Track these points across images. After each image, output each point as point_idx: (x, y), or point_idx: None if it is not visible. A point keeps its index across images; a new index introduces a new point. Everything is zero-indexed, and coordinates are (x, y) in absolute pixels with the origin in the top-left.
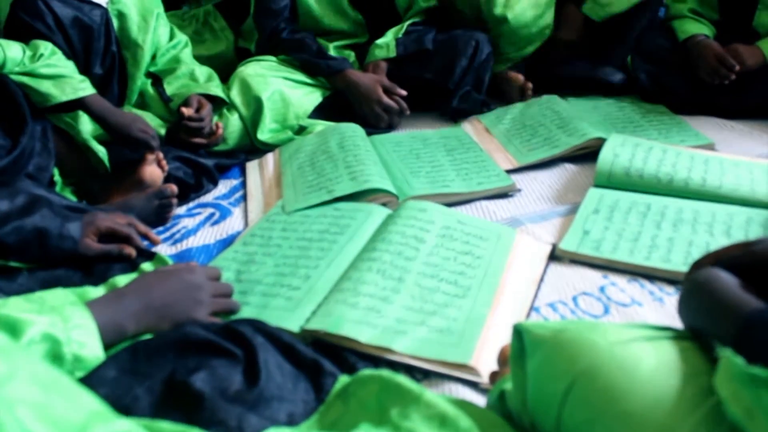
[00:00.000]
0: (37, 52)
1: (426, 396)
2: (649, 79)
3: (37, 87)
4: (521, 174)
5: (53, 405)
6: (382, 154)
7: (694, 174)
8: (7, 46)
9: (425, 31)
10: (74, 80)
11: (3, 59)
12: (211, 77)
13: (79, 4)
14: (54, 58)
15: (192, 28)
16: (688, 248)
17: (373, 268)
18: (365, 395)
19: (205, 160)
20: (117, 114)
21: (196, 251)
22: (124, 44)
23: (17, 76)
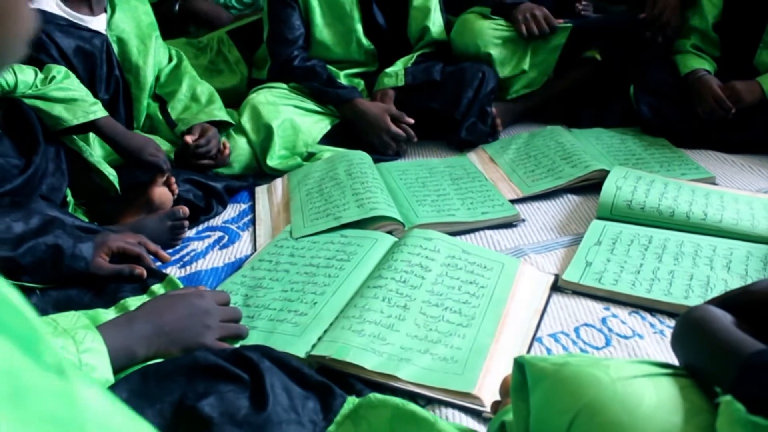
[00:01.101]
0: (49, 75)
1: (440, 425)
2: (651, 111)
3: (49, 110)
4: (525, 204)
5: None
6: (389, 182)
7: (695, 208)
8: (19, 69)
9: (434, 62)
10: (86, 103)
11: (14, 82)
12: (213, 98)
13: (80, 33)
14: (66, 82)
15: (207, 58)
16: (688, 282)
17: (378, 296)
18: (377, 420)
19: (215, 182)
20: (129, 137)
21: (205, 274)
22: (126, 68)
23: (30, 99)
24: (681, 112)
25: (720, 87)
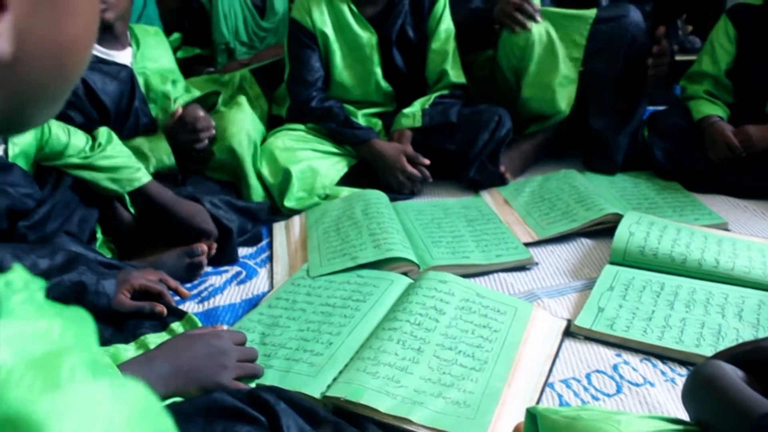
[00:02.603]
0: (97, 142)
1: None
2: (664, 156)
3: (96, 181)
4: (539, 247)
5: None
6: (405, 222)
7: (708, 255)
8: (73, 132)
9: (451, 104)
10: (130, 170)
11: (66, 143)
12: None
13: (106, 68)
14: (110, 148)
15: (228, 93)
16: (700, 330)
17: (393, 338)
18: None
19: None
20: (180, 203)
21: (223, 310)
22: (151, 98)
23: (75, 170)
24: (694, 156)
25: (733, 132)
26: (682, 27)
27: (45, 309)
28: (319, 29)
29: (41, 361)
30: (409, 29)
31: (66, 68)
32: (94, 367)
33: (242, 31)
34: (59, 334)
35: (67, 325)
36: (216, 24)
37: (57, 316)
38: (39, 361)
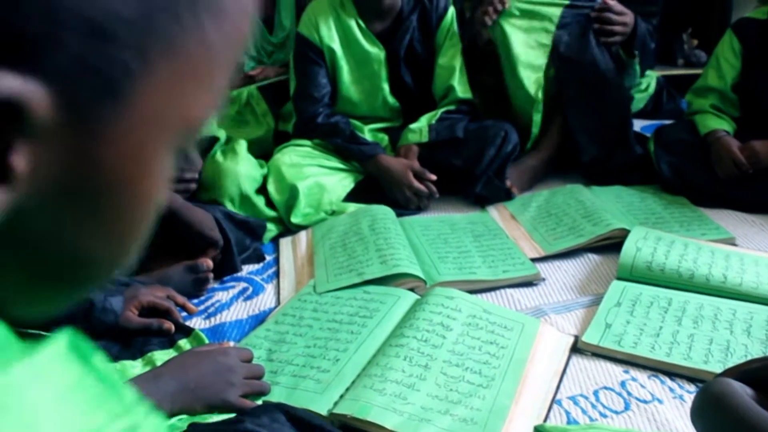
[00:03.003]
0: None
1: None
2: (670, 170)
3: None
4: (545, 262)
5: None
6: (412, 238)
7: (715, 270)
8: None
9: (458, 119)
10: None
11: None
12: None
13: None
14: None
15: (235, 109)
16: (708, 346)
17: (400, 355)
18: None
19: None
20: (190, 209)
21: (229, 326)
22: None
23: None
24: (701, 171)
25: (739, 148)
26: (688, 41)
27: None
28: (326, 45)
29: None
30: (417, 45)
31: (67, 275)
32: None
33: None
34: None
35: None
36: None
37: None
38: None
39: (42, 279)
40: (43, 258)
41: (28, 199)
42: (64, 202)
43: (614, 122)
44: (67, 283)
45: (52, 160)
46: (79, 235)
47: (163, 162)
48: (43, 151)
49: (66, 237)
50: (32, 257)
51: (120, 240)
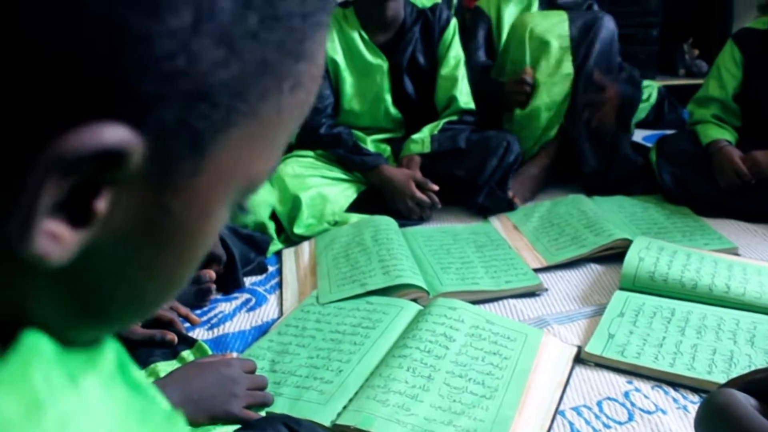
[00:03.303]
0: None
1: None
2: (672, 180)
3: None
4: (548, 273)
5: None
6: (414, 248)
7: (718, 280)
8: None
9: (460, 130)
10: None
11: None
12: None
13: None
14: None
15: None
16: (711, 356)
17: (403, 365)
18: None
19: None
20: None
21: (232, 337)
22: None
23: None
24: (703, 181)
25: (741, 158)
26: (689, 51)
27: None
28: (329, 56)
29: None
30: (420, 56)
31: (114, 309)
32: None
33: None
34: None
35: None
36: None
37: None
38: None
39: (91, 313)
40: (99, 295)
41: (97, 242)
42: (131, 245)
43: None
44: (114, 317)
45: (129, 206)
46: (140, 277)
47: (222, 216)
48: (124, 198)
49: (127, 278)
50: (89, 294)
51: (171, 281)
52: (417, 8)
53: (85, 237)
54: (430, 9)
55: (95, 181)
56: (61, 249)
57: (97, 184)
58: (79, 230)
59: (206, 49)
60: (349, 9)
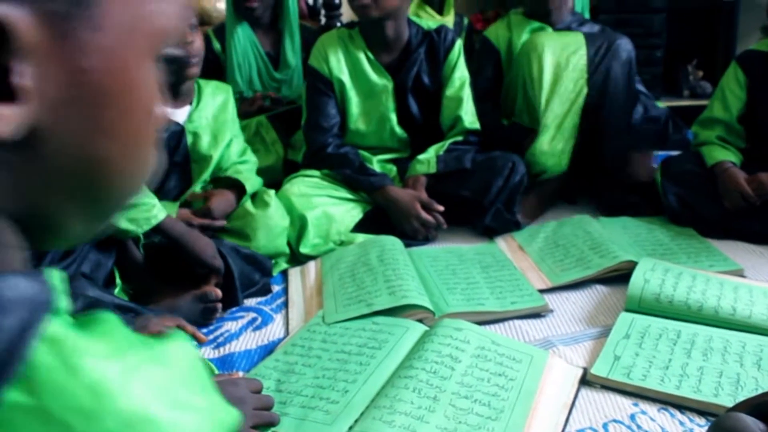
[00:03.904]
0: None
1: None
2: (678, 202)
3: (114, 223)
4: (553, 294)
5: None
6: (420, 269)
7: (724, 302)
8: None
9: (465, 150)
10: (146, 206)
11: None
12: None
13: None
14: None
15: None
16: (718, 379)
17: (409, 386)
18: None
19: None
20: (193, 237)
21: (238, 356)
22: (194, 158)
23: None
24: (708, 202)
25: (746, 179)
26: (693, 72)
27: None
28: (335, 76)
29: (101, 333)
30: (425, 76)
31: (95, 186)
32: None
33: (256, 81)
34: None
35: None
36: (230, 74)
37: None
38: (99, 333)
39: (76, 191)
40: (71, 169)
41: (42, 115)
42: (70, 113)
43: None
44: (100, 193)
45: (50, 76)
46: (93, 142)
47: (147, 71)
48: (41, 68)
49: (83, 145)
50: (62, 170)
51: (130, 146)
52: (422, 30)
53: (25, 112)
54: (436, 31)
55: (3, 60)
56: (3, 124)
57: (3, 60)
58: (13, 106)
59: None
60: (354, 30)
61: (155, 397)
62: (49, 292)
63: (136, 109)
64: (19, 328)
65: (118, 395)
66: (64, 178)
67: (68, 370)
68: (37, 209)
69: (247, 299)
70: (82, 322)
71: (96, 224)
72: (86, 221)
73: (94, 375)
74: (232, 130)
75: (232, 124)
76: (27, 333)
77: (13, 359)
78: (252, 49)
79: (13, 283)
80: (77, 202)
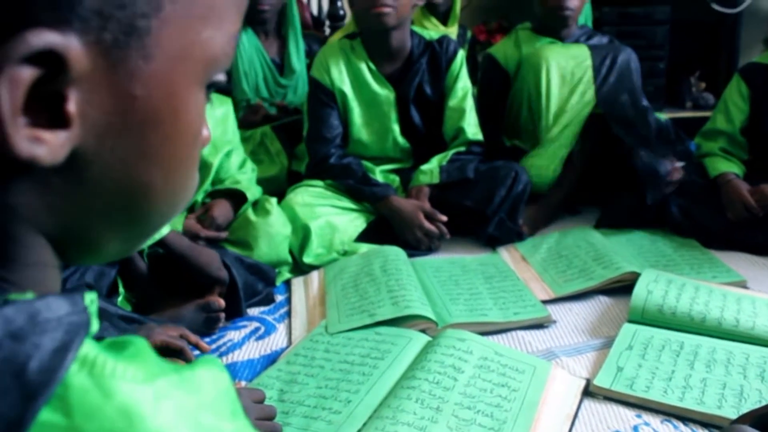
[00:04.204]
0: None
1: None
2: (680, 213)
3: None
4: (556, 304)
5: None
6: (423, 279)
7: (727, 314)
8: None
9: (468, 160)
10: None
11: None
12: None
13: None
14: None
15: (249, 148)
16: (721, 390)
17: (412, 397)
18: None
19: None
20: (197, 251)
21: (241, 366)
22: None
23: None
24: (711, 213)
25: (749, 191)
26: (695, 84)
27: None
28: (337, 87)
29: (133, 356)
30: (427, 87)
31: (135, 209)
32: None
33: (263, 88)
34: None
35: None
36: (237, 82)
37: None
38: (131, 357)
39: (117, 213)
40: (112, 192)
41: (86, 140)
42: (115, 138)
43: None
44: (140, 215)
45: (98, 102)
46: (136, 167)
47: (195, 97)
48: (89, 95)
49: (126, 170)
50: (103, 193)
51: (174, 171)
52: (424, 40)
53: (70, 138)
54: (437, 41)
55: (56, 88)
56: (47, 150)
57: (59, 90)
58: (60, 131)
59: None
60: (356, 40)
61: (183, 421)
62: (86, 314)
63: (182, 134)
64: (57, 349)
65: (149, 419)
66: (105, 201)
67: (102, 392)
68: (76, 230)
69: (249, 308)
70: (114, 344)
71: (133, 244)
72: (123, 241)
73: (127, 399)
74: (232, 142)
75: (232, 136)
76: (64, 354)
77: (49, 380)
78: (258, 56)
79: (53, 304)
80: (116, 224)
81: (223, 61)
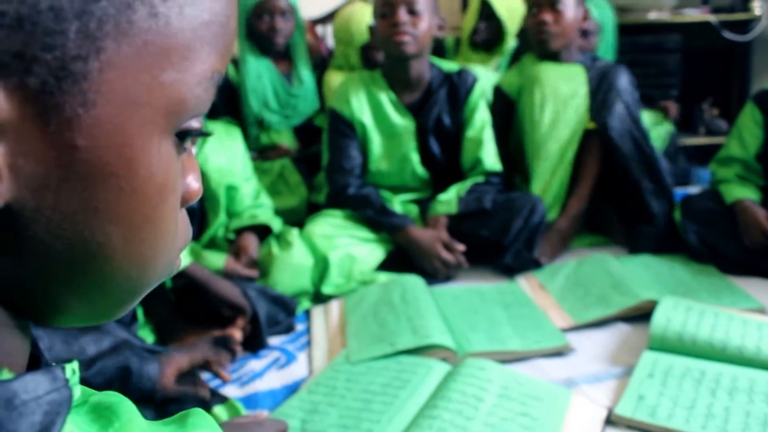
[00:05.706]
0: None
1: None
2: (698, 239)
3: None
4: (576, 332)
5: None
6: (442, 308)
7: (748, 341)
8: None
9: (486, 191)
10: None
11: None
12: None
13: None
14: None
15: (269, 179)
16: (745, 419)
17: (433, 426)
18: None
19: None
20: (217, 281)
21: (263, 395)
22: (205, 196)
23: None
24: (728, 239)
25: (766, 217)
26: (708, 110)
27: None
28: (357, 118)
29: (118, 426)
30: (446, 117)
31: (95, 271)
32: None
33: (272, 101)
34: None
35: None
36: (245, 98)
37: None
38: (116, 427)
39: (75, 276)
40: (64, 252)
41: (21, 195)
42: (57, 193)
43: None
44: (100, 277)
45: (32, 153)
46: (88, 225)
47: (159, 147)
48: (19, 145)
49: (75, 228)
50: (53, 253)
51: (137, 229)
52: (443, 72)
53: (1, 192)
54: (457, 73)
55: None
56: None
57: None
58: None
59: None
60: (376, 72)
61: None
62: (67, 389)
63: (142, 188)
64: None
65: None
66: (58, 262)
67: None
68: (33, 291)
69: (270, 338)
70: (98, 411)
71: (108, 309)
72: (92, 304)
73: None
74: (244, 173)
75: (242, 167)
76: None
77: None
78: (265, 71)
79: (31, 384)
80: (77, 287)
81: (194, 105)
